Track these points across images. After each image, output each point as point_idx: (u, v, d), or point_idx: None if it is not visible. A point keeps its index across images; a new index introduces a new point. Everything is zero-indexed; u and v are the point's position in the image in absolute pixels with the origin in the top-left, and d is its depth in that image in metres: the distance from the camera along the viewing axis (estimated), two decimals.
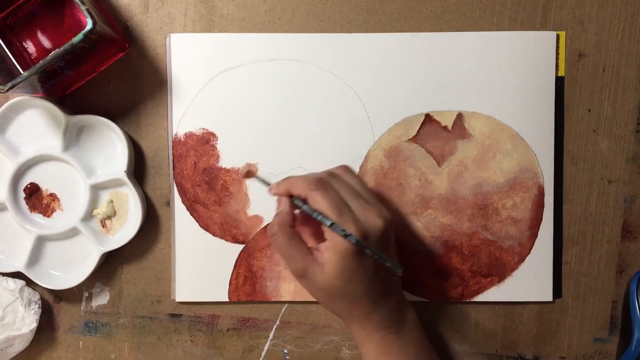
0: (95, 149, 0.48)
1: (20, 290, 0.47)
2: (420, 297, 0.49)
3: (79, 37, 0.39)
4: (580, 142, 0.49)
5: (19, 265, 0.47)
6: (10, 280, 0.48)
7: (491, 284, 0.49)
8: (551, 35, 0.48)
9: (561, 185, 0.49)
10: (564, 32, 0.48)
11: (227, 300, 0.49)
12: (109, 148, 0.48)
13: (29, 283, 0.48)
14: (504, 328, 0.50)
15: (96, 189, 0.48)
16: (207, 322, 0.50)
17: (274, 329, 0.50)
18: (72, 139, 0.47)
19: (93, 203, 0.48)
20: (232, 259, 0.49)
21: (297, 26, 0.48)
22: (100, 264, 0.48)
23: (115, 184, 0.48)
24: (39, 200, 0.48)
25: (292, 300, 0.49)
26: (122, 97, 0.48)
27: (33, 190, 0.48)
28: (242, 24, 0.48)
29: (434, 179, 0.48)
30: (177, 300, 0.49)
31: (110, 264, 0.49)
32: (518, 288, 0.49)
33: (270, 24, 0.48)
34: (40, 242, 0.48)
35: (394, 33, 0.48)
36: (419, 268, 0.49)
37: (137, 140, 0.49)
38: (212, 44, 0.48)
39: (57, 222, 0.48)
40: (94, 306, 0.50)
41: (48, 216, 0.48)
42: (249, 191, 0.48)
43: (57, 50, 0.39)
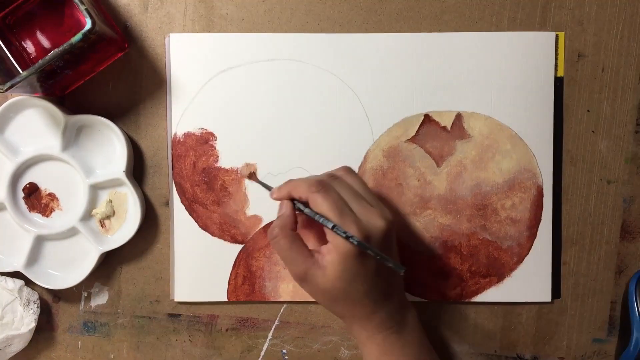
0: (95, 149, 0.48)
1: (19, 289, 0.47)
2: (419, 297, 0.49)
3: (78, 36, 0.39)
4: (579, 142, 0.49)
5: (17, 265, 0.47)
6: (9, 280, 0.48)
7: (490, 284, 0.49)
8: (550, 36, 0.48)
9: (560, 185, 0.49)
10: (563, 32, 0.48)
11: (226, 300, 0.49)
12: (108, 148, 0.48)
13: (28, 283, 0.48)
14: (503, 328, 0.50)
15: (95, 189, 0.48)
16: (205, 322, 0.50)
17: (272, 329, 0.50)
18: (71, 138, 0.47)
19: (92, 203, 0.48)
20: (231, 259, 0.49)
21: (296, 26, 0.48)
22: (99, 264, 0.48)
23: (114, 183, 0.48)
24: (37, 200, 0.48)
25: (290, 300, 0.49)
26: (121, 97, 0.48)
27: (32, 190, 0.48)
28: (241, 24, 0.48)
29: (433, 179, 0.48)
30: (176, 300, 0.49)
31: (109, 263, 0.49)
32: (517, 288, 0.49)
33: (269, 24, 0.48)
34: (39, 241, 0.48)
35: (393, 33, 0.48)
36: (417, 268, 0.49)
37: (136, 140, 0.49)
38: (211, 44, 0.48)
39: (56, 222, 0.48)
40: (92, 306, 0.50)
41: (47, 216, 0.48)
42: (248, 191, 0.48)
43: (56, 50, 0.39)
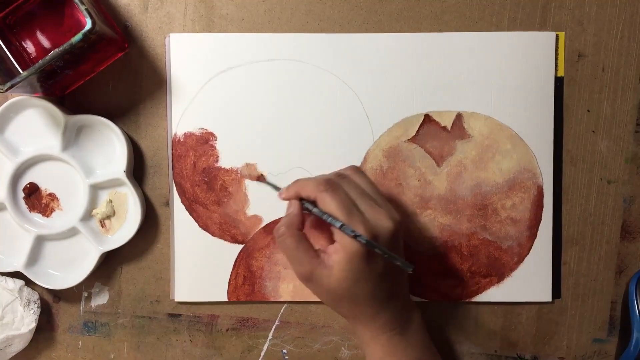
0: (95, 149, 0.48)
1: (20, 290, 0.47)
2: (420, 297, 0.49)
3: (78, 36, 0.39)
4: (579, 142, 0.49)
5: (18, 265, 0.47)
6: (10, 280, 0.48)
7: (490, 284, 0.49)
8: (550, 36, 0.48)
9: (560, 185, 0.49)
10: (563, 32, 0.48)
11: (226, 300, 0.49)
12: (108, 148, 0.48)
13: (28, 283, 0.48)
14: (503, 328, 0.50)
15: (95, 189, 0.48)
16: (206, 322, 0.50)
17: (273, 329, 0.50)
18: (71, 138, 0.47)
19: (92, 203, 0.48)
20: (231, 259, 0.49)
21: (296, 26, 0.48)
22: (100, 264, 0.48)
23: (114, 183, 0.48)
24: (38, 200, 0.48)
25: (291, 300, 0.49)
26: (121, 97, 0.48)
27: (32, 190, 0.48)
28: (241, 24, 0.48)
29: (433, 179, 0.48)
30: (176, 300, 0.49)
31: (110, 263, 0.49)
32: (517, 288, 0.49)
33: (269, 24, 0.48)
34: (39, 241, 0.48)
35: (393, 33, 0.48)
36: (418, 268, 0.49)
37: (137, 140, 0.49)
38: (211, 44, 0.48)
39: (56, 222, 0.48)
40: (93, 306, 0.50)
41: (47, 216, 0.48)
42: (248, 191, 0.48)
43: (57, 50, 0.39)
